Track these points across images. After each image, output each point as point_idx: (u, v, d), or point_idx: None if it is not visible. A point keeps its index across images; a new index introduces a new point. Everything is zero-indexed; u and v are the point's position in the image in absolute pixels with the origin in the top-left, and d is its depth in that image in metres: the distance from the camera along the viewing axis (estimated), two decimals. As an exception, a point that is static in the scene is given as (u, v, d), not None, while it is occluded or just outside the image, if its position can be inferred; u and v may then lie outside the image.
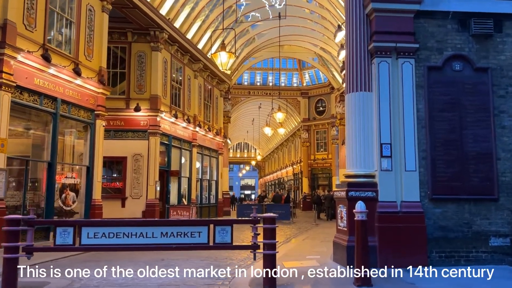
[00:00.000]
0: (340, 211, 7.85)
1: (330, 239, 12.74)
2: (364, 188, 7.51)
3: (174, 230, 5.91)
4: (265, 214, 6.14)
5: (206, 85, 23.81)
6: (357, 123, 7.76)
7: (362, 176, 7.64)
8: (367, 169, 7.67)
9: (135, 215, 17.06)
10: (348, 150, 7.90)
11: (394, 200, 7.54)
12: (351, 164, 7.82)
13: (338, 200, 8.09)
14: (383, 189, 7.52)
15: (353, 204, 7.13)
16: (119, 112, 17.54)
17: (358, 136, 7.73)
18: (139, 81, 17.86)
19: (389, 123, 7.65)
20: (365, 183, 7.58)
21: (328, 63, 29.17)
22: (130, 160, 17.43)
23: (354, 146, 7.76)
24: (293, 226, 18.25)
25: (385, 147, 7.57)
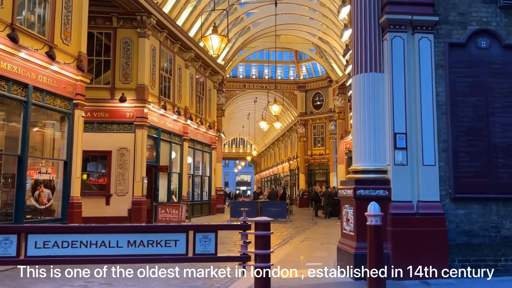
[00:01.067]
0: (346, 213, 6.72)
1: (331, 241, 11.68)
2: (375, 186, 6.38)
3: (145, 238, 4.77)
4: (258, 218, 5.00)
5: (199, 76, 22.59)
6: (366, 109, 6.62)
7: (372, 172, 6.51)
8: (378, 163, 6.55)
9: (120, 214, 15.92)
10: (355, 141, 6.76)
11: (409, 199, 6.41)
12: (359, 158, 6.68)
13: (343, 200, 6.96)
14: (397, 187, 6.39)
15: (361, 205, 6.03)
16: (103, 102, 16.34)
17: (368, 125, 6.59)
18: (125, 69, 16.64)
19: (404, 110, 6.52)
20: (376, 179, 6.45)
21: (326, 54, 28.00)
22: (115, 155, 16.23)
23: (362, 136, 6.62)
24: (290, 225, 17.14)
25: (400, 137, 6.43)
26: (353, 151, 6.81)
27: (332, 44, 25.40)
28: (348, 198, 6.67)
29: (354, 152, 6.79)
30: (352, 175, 6.74)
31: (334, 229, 15.70)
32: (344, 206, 6.86)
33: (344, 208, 6.83)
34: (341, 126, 28.00)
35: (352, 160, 6.89)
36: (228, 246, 9.91)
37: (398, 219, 6.29)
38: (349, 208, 6.62)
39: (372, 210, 5.02)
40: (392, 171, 6.42)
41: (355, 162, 6.78)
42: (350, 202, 6.59)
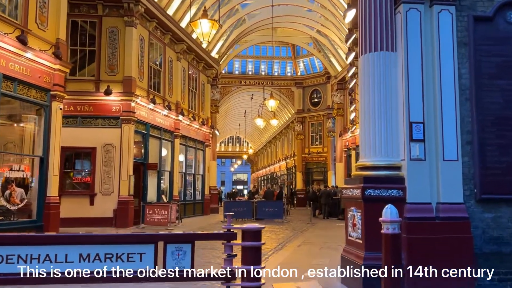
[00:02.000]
0: (352, 216, 5.72)
1: (331, 245, 10.69)
2: (387, 185, 5.38)
3: (102, 251, 3.76)
4: (246, 225, 3.99)
5: (191, 70, 21.54)
6: (376, 94, 5.61)
7: (384, 168, 5.51)
8: (390, 158, 5.55)
9: (106, 214, 14.90)
10: (363, 133, 5.76)
11: (428, 201, 5.42)
12: (367, 152, 5.68)
13: (349, 201, 5.95)
14: (413, 186, 5.39)
15: (371, 207, 5.03)
16: (87, 96, 15.30)
17: (378, 113, 5.59)
18: (111, 60, 15.58)
19: (421, 95, 5.52)
20: (388, 177, 5.45)
21: (324, 48, 26.98)
22: (100, 151, 15.19)
23: (372, 126, 5.62)
24: (287, 226, 16.14)
25: (416, 127, 5.44)
26: (361, 144, 5.81)
27: (331, 37, 24.40)
28: (354, 200, 5.66)
29: (361, 146, 5.79)
30: (359, 172, 5.73)
31: (333, 230, 14.73)
32: (349, 209, 5.85)
33: (350, 211, 5.82)
34: (339, 123, 27.05)
35: (360, 154, 5.88)
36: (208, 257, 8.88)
37: (415, 224, 5.29)
38: (355, 211, 5.62)
39: (389, 215, 4.01)
40: (407, 167, 5.42)
41: (362, 157, 5.78)
42: (357, 204, 5.59)
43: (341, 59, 25.62)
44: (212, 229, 15.02)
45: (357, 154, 24.24)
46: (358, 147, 22.05)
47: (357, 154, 24.13)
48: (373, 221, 5.17)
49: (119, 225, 14.73)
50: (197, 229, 15.12)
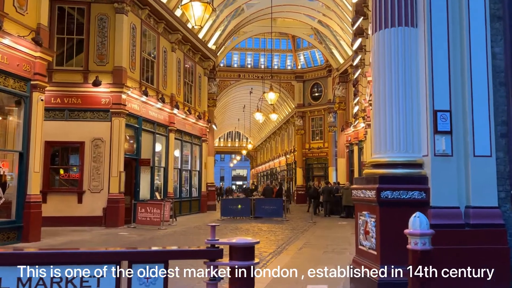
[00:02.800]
0: (364, 222, 4.85)
1: (335, 248, 9.84)
2: (407, 185, 4.51)
3: (47, 273, 2.86)
4: (236, 239, 3.09)
5: (187, 61, 20.62)
6: (393, 78, 4.73)
7: (402, 165, 4.64)
8: (410, 154, 4.68)
9: (95, 213, 14.07)
10: (376, 123, 4.88)
11: (455, 205, 4.54)
12: (382, 146, 4.80)
13: (360, 204, 5.08)
14: (438, 187, 4.52)
15: (388, 212, 4.18)
16: (75, 87, 14.42)
17: (395, 100, 4.71)
18: (100, 50, 14.67)
19: (448, 78, 4.63)
20: (408, 176, 4.58)
21: (326, 39, 26.02)
22: (89, 146, 14.32)
23: (387, 116, 4.74)
24: (287, 226, 15.29)
25: (442, 116, 4.56)
26: (374, 136, 4.93)
27: (333, 28, 23.45)
28: (367, 203, 4.79)
29: (375, 139, 4.91)
30: (372, 170, 4.86)
31: (335, 230, 13.89)
32: (360, 213, 4.98)
33: (361, 215, 4.95)
34: (341, 118, 26.18)
35: (373, 150, 5.00)
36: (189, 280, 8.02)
37: (440, 234, 4.38)
38: (368, 216, 4.75)
39: (418, 226, 3.15)
40: (431, 164, 4.55)
41: (376, 152, 4.90)
42: (370, 208, 4.72)
43: (344, 50, 24.69)
44: (207, 229, 14.18)
45: (360, 149, 23.45)
46: (361, 142, 21.26)
47: (360, 150, 23.32)
48: (391, 229, 4.33)
49: (109, 224, 13.89)
50: (192, 228, 14.28)
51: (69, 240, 10.95)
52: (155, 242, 10.72)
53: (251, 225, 15.44)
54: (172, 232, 13.04)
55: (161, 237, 11.91)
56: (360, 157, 22.33)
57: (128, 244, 10.26)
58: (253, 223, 16.04)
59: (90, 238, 11.38)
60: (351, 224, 15.89)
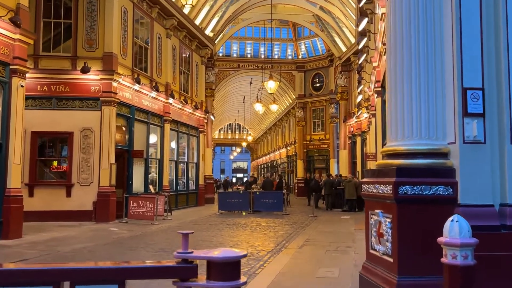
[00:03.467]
0: (377, 222, 4.08)
1: (338, 245, 9.02)
2: (430, 179, 3.74)
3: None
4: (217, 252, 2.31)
5: (183, 48, 19.76)
6: (413, 49, 3.94)
7: (424, 155, 3.86)
8: (433, 141, 3.90)
9: (84, 207, 13.35)
10: (392, 105, 4.09)
11: (489, 202, 3.77)
12: (399, 132, 4.02)
13: (371, 201, 4.31)
14: (468, 181, 3.75)
15: (408, 211, 3.42)
16: (63, 74, 13.63)
17: (415, 76, 3.92)
18: (89, 35, 13.85)
19: (480, 49, 3.83)
20: (432, 168, 3.81)
21: (328, 26, 25.11)
22: (78, 136, 13.55)
23: (405, 95, 3.96)
24: (287, 220, 14.56)
25: (473, 96, 3.77)
26: (389, 121, 4.14)
27: (335, 14, 22.54)
28: (381, 199, 4.02)
29: (390, 123, 4.12)
30: (387, 161, 4.08)
31: (338, 225, 13.16)
32: (372, 212, 4.21)
33: (373, 215, 4.18)
34: (344, 108, 25.41)
35: (387, 136, 4.22)
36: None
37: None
38: (383, 215, 3.97)
39: (457, 234, 2.38)
40: (459, 153, 3.77)
41: (392, 139, 4.11)
42: (385, 206, 3.95)
43: (346, 38, 23.82)
44: (204, 223, 13.48)
45: (363, 140, 22.65)
46: (364, 133, 20.45)
47: (363, 141, 22.52)
48: (411, 231, 3.57)
49: (100, 219, 13.17)
50: (187, 223, 13.56)
51: (54, 236, 10.22)
52: (145, 239, 9.98)
53: (250, 219, 14.71)
54: (165, 227, 12.31)
55: (153, 233, 11.18)
56: (363, 149, 21.56)
57: (116, 241, 9.54)
58: (252, 218, 15.31)
59: (76, 234, 10.65)
60: (354, 218, 15.18)
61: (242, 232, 11.32)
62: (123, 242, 9.45)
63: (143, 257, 7.57)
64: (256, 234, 10.89)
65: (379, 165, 4.23)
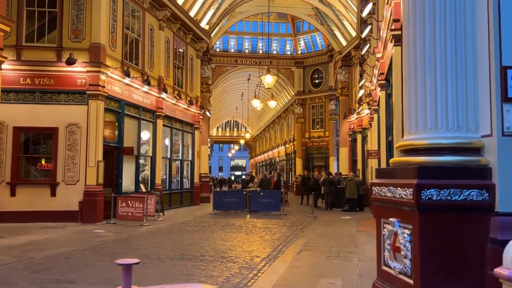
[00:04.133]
0: (392, 234, 3.32)
1: (340, 251, 8.18)
2: (460, 181, 2.98)
3: None
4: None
5: (177, 41, 18.97)
6: (437, 20, 3.18)
7: (451, 150, 3.11)
8: (462, 133, 3.15)
9: (70, 207, 12.61)
10: (411, 90, 3.34)
11: (535, 210, 3.00)
12: (420, 122, 3.26)
13: (383, 206, 3.55)
14: (509, 183, 2.98)
15: (433, 221, 2.68)
16: (47, 66, 12.86)
17: (440, 53, 3.16)
18: (76, 24, 13.06)
19: (521, 19, 3.07)
20: (462, 167, 3.06)
21: (328, 19, 24.31)
22: (63, 132, 12.78)
23: (428, 77, 3.21)
24: (285, 221, 13.81)
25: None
26: (407, 109, 3.38)
27: (336, 7, 21.75)
28: (396, 205, 3.26)
29: (408, 112, 3.36)
30: (405, 158, 3.32)
31: (339, 226, 12.43)
32: (386, 221, 3.45)
33: (387, 224, 3.42)
34: (344, 104, 24.66)
35: (404, 128, 3.46)
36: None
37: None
38: (399, 225, 3.22)
39: (525, 264, 1.61)
40: (497, 148, 3.02)
41: (411, 131, 3.35)
42: (403, 214, 3.19)
43: (347, 31, 23.04)
44: (197, 224, 12.72)
45: (363, 138, 21.89)
46: (365, 130, 19.67)
47: (364, 138, 21.75)
48: (437, 246, 2.82)
49: (86, 220, 12.42)
50: (179, 224, 12.80)
51: (32, 240, 9.46)
52: (131, 243, 9.22)
53: (245, 220, 13.96)
54: (155, 229, 11.55)
55: (140, 235, 10.42)
56: (364, 146, 20.84)
57: (98, 246, 8.77)
58: (248, 218, 14.56)
59: (57, 237, 9.89)
60: (355, 219, 14.44)
61: (236, 234, 10.57)
62: (106, 246, 8.69)
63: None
64: (251, 237, 10.14)
65: (394, 163, 3.47)
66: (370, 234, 10.68)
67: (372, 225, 12.74)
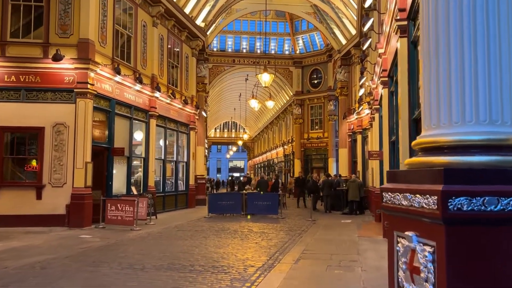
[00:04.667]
0: (409, 251, 2.71)
1: (342, 259, 7.55)
2: (497, 187, 2.38)
3: None
4: None
5: (172, 39, 18.38)
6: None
7: (480, 148, 2.51)
8: (498, 128, 2.55)
9: (57, 211, 12.01)
10: (431, 76, 2.74)
11: None
12: (443, 114, 2.66)
13: (398, 217, 2.94)
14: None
15: (464, 237, 2.03)
16: (33, 63, 12.29)
17: (468, 31, 2.56)
18: (63, 19, 12.48)
19: None
20: (497, 169, 2.44)
21: (327, 17, 23.74)
22: (49, 132, 12.20)
23: (453, 60, 2.60)
24: (282, 225, 13.20)
25: None
26: (427, 98, 2.78)
27: (335, 4, 21.18)
28: (415, 216, 2.66)
29: (428, 102, 2.76)
30: (425, 158, 2.72)
31: (339, 231, 11.84)
32: (401, 234, 2.85)
33: (402, 238, 2.83)
34: (343, 104, 24.09)
35: (423, 122, 2.86)
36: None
37: None
38: (418, 241, 2.62)
39: None
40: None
41: (432, 125, 2.74)
42: (423, 227, 2.59)
43: (346, 30, 22.48)
44: (190, 229, 12.10)
45: (364, 138, 21.28)
46: (366, 131, 19.04)
47: (364, 139, 21.14)
48: (469, 269, 2.22)
49: (73, 224, 11.82)
50: (171, 229, 12.19)
51: (12, 246, 8.84)
52: (117, 250, 8.60)
53: (241, 224, 13.34)
54: (145, 234, 10.94)
55: (128, 241, 9.81)
56: (364, 147, 20.25)
57: (81, 253, 8.16)
58: (244, 222, 13.95)
59: (40, 244, 9.27)
60: (356, 222, 13.83)
61: (231, 240, 9.96)
62: (89, 254, 8.08)
63: (103, 276, 6.19)
64: (246, 244, 9.53)
65: (411, 164, 2.88)
66: (372, 239, 10.09)
67: (373, 229, 12.17)
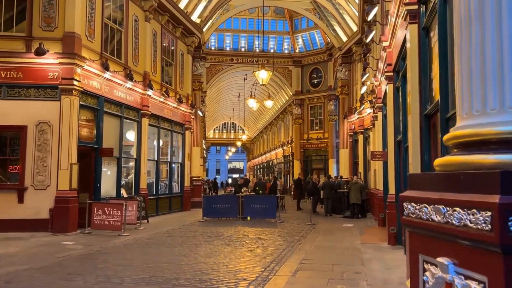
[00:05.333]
0: (442, 284, 1.97)
1: (345, 270, 6.80)
2: None
3: None
4: None
5: (166, 35, 17.65)
6: None
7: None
8: None
9: (40, 215, 11.28)
10: (472, 52, 2.00)
11: None
12: (489, 99, 1.91)
13: (425, 236, 2.19)
14: None
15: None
16: (14, 57, 11.55)
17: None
18: (47, 11, 11.75)
19: None
20: None
21: (328, 14, 23.02)
22: (32, 131, 11.47)
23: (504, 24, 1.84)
24: (280, 230, 12.45)
25: None
26: (460, 82, 2.05)
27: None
28: (450, 237, 1.91)
29: (462, 87, 2.03)
30: (462, 158, 1.98)
31: (341, 236, 11.10)
32: (430, 260, 2.11)
33: (431, 265, 2.08)
34: (344, 103, 23.36)
35: (458, 111, 2.12)
36: None
37: None
38: (456, 273, 1.87)
39: None
40: None
41: (471, 113, 2.00)
42: (463, 253, 1.85)
43: (347, 26, 21.76)
44: (181, 234, 11.35)
45: (365, 139, 20.51)
46: (367, 131, 18.18)
47: (365, 139, 20.39)
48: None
49: (57, 229, 11.09)
50: (162, 234, 11.45)
51: (-16, 255, 8.10)
52: (98, 259, 7.85)
53: (236, 229, 12.59)
54: (132, 240, 10.20)
55: (113, 249, 9.06)
56: (366, 148, 19.52)
57: (58, 263, 7.41)
58: (239, 227, 13.19)
59: (16, 252, 8.52)
60: (358, 227, 13.08)
61: (224, 248, 9.21)
62: (66, 264, 7.33)
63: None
64: (240, 252, 8.78)
65: (445, 165, 2.14)
66: (377, 247, 9.36)
67: (377, 235, 11.43)
